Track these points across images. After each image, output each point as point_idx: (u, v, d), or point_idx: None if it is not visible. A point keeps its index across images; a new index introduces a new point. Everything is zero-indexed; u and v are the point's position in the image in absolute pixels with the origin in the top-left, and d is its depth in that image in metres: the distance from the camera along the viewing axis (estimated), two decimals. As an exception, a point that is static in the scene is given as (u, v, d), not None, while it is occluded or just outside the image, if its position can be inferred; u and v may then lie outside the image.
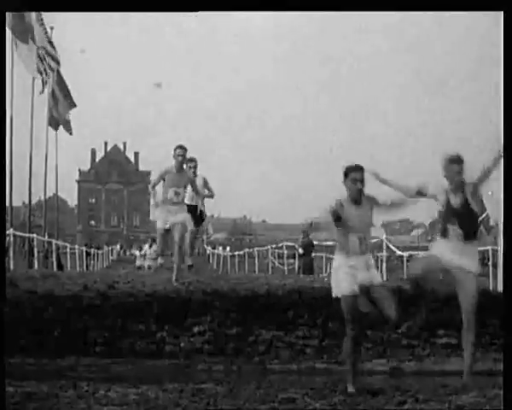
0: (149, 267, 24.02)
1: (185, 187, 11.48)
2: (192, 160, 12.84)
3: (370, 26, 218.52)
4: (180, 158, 11.28)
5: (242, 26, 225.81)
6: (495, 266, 14.55)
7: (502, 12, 5.02)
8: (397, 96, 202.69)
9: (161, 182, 11.53)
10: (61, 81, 31.78)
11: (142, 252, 26.37)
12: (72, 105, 33.56)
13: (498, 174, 7.14)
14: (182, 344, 9.21)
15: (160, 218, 11.33)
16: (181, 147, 11.41)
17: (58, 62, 28.14)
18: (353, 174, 7.21)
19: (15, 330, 8.51)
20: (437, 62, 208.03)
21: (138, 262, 27.65)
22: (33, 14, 25.36)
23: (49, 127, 32.20)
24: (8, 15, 22.03)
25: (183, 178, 11.37)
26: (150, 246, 25.40)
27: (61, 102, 31.84)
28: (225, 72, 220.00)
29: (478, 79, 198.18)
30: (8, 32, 22.52)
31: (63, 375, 7.89)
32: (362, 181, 7.23)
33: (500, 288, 11.77)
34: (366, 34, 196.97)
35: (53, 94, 30.79)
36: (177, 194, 11.21)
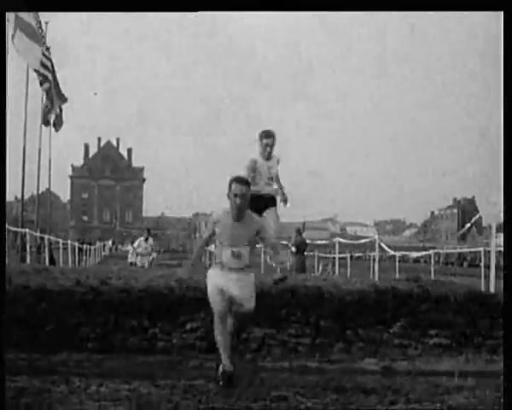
0: (143, 266, 22.84)
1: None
2: (269, 135, 9.80)
3: (370, 25, 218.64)
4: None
5: (242, 25, 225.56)
6: (487, 267, 14.60)
7: (502, 12, 5.03)
8: (401, 93, 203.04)
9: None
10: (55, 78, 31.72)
11: (136, 244, 24.42)
12: (63, 100, 33.46)
13: (498, 176, 6.89)
14: (174, 341, 9.21)
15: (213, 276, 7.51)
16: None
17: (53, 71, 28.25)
18: None
19: (8, 324, 8.50)
20: (437, 61, 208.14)
21: (131, 258, 27.32)
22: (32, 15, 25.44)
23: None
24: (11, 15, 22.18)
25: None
26: (146, 239, 23.66)
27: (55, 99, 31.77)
28: (222, 71, 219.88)
29: (478, 78, 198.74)
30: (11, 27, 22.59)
31: (55, 370, 7.89)
32: None
33: (492, 289, 11.81)
34: (366, 34, 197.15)
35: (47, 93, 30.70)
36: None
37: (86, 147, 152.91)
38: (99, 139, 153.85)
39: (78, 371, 7.85)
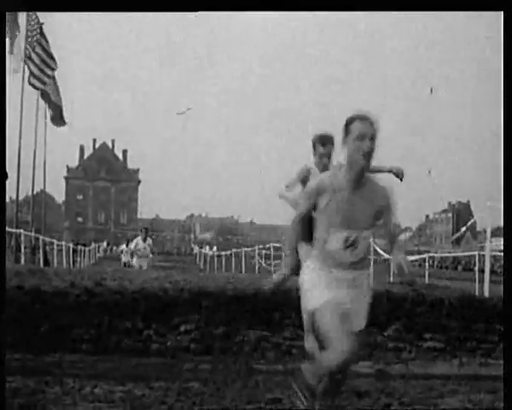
0: (141, 267, 21.48)
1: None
2: (326, 142, 7.13)
3: (370, 25, 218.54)
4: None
5: (242, 25, 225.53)
6: (481, 271, 14.63)
7: (502, 12, 5.04)
8: (397, 95, 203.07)
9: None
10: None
11: (132, 246, 22.07)
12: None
13: (498, 178, 6.54)
14: (168, 343, 9.20)
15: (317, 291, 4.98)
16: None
17: (53, 68, 28.36)
18: None
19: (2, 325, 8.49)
20: (437, 61, 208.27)
21: (125, 258, 26.93)
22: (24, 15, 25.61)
23: (41, 121, 32.31)
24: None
25: None
26: (144, 239, 21.03)
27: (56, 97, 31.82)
28: (216, 71, 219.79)
29: (478, 78, 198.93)
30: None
31: (49, 371, 7.88)
32: None
33: (486, 293, 11.83)
34: (365, 34, 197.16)
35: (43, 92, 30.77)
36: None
37: (81, 148, 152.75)
38: (94, 141, 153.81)
39: (71, 373, 7.84)
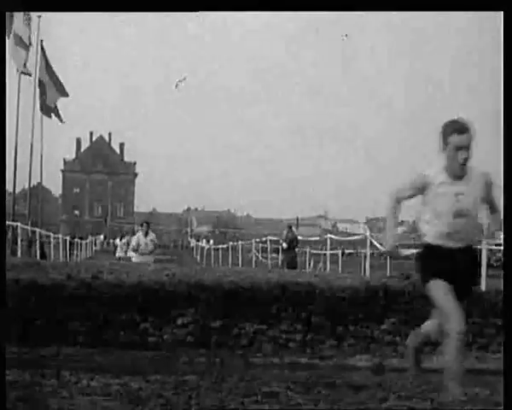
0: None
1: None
2: (463, 129, 5.47)
3: (369, 25, 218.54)
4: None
5: (241, 25, 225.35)
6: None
7: (502, 12, 5.04)
8: (397, 94, 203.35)
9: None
10: (50, 70, 31.71)
11: (134, 243, 19.09)
12: (64, 94, 33.36)
13: (498, 175, 6.24)
14: (165, 336, 9.20)
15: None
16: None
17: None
18: None
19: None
20: (436, 62, 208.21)
21: (119, 252, 26.73)
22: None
23: (38, 115, 32.24)
24: None
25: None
26: (146, 234, 18.59)
27: (51, 90, 31.72)
28: (213, 70, 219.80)
29: (477, 78, 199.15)
30: None
31: (46, 364, 7.87)
32: None
33: (482, 287, 11.83)
34: (365, 34, 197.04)
35: (40, 82, 30.72)
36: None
37: (78, 141, 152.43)
38: (91, 134, 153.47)
39: (68, 365, 7.84)
